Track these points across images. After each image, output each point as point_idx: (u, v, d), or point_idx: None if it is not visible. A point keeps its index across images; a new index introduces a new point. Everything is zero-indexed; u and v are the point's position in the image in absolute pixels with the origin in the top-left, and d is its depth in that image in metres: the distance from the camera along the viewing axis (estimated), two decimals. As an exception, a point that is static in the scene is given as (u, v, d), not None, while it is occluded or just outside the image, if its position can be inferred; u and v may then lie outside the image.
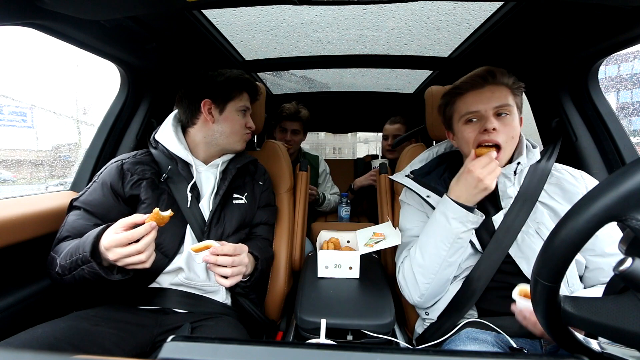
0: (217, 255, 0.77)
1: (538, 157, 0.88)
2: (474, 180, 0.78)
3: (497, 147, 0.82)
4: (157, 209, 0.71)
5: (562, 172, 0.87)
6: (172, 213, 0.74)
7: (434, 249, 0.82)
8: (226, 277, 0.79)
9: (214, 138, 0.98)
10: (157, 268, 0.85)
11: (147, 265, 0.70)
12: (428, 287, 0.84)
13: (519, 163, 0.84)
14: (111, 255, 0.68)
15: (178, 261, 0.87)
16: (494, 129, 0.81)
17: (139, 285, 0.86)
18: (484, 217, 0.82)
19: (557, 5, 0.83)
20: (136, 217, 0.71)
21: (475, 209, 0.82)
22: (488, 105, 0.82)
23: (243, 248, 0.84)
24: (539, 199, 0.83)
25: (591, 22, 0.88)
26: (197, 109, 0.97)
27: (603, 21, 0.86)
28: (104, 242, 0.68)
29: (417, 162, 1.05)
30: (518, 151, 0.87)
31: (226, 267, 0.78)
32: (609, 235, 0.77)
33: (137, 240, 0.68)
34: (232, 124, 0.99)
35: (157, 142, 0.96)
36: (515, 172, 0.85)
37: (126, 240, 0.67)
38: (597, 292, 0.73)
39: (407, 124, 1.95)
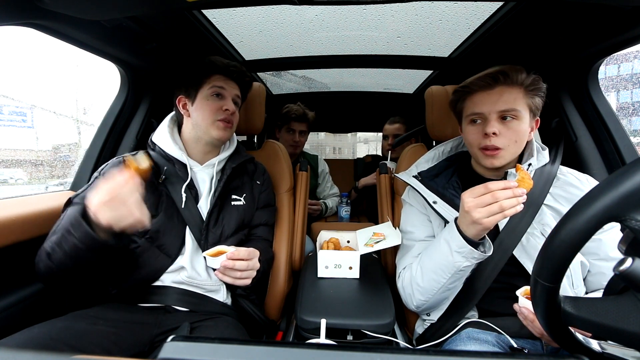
0: (235, 260, 0.80)
1: (547, 159, 0.87)
2: (468, 217, 0.70)
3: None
4: (131, 159, 0.69)
5: (567, 176, 0.86)
6: (150, 162, 0.72)
7: (434, 274, 0.79)
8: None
9: (195, 132, 0.95)
10: (160, 268, 0.86)
11: (146, 223, 0.69)
12: (425, 303, 0.84)
13: (529, 165, 0.83)
14: (102, 216, 0.66)
15: (180, 261, 0.88)
16: (494, 133, 0.78)
17: (141, 284, 0.86)
18: (491, 252, 0.74)
19: (557, 5, 0.83)
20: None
21: (486, 242, 0.75)
22: (492, 108, 0.79)
23: (255, 253, 0.86)
24: (545, 202, 0.82)
25: (591, 22, 0.87)
26: (178, 107, 0.97)
27: (603, 21, 0.86)
28: (91, 205, 0.66)
29: (424, 163, 1.01)
30: (529, 153, 0.85)
31: (241, 271, 0.81)
32: (613, 240, 0.76)
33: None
34: (201, 111, 0.93)
35: (154, 143, 0.95)
36: None
37: (108, 196, 0.65)
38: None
39: (406, 123, 1.95)
